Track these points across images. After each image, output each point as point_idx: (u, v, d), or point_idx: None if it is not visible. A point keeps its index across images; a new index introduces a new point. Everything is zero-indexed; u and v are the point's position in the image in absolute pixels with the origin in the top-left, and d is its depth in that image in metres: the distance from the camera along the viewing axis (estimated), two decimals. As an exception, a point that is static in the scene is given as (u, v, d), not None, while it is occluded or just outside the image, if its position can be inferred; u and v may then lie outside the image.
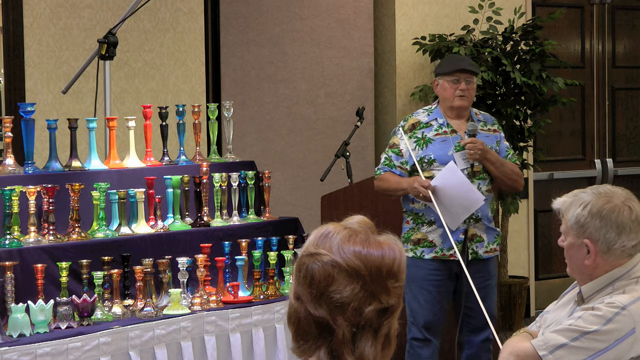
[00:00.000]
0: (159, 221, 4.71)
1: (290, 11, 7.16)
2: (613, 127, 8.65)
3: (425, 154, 4.94)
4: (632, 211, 3.00)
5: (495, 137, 5.07)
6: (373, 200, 5.64)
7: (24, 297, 4.02)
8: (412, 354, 5.01)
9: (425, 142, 4.97)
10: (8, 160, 4.44)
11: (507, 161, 5.02)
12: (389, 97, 7.48)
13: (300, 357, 1.92)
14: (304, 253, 1.93)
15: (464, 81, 4.96)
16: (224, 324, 4.46)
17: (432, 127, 5.00)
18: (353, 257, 1.88)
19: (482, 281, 4.93)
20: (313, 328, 1.89)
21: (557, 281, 8.01)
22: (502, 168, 4.96)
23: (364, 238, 1.91)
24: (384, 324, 1.90)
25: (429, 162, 4.92)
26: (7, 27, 6.11)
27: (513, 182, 5.04)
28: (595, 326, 2.95)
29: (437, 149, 4.94)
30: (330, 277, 1.88)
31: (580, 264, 3.06)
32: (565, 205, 3.06)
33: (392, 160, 4.99)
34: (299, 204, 7.05)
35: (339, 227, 1.94)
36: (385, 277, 1.89)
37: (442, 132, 4.98)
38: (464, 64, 5.02)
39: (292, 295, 1.93)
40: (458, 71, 4.97)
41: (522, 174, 5.15)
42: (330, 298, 1.87)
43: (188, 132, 5.14)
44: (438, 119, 5.01)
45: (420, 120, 5.04)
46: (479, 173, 4.93)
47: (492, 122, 5.13)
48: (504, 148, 5.08)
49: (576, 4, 8.38)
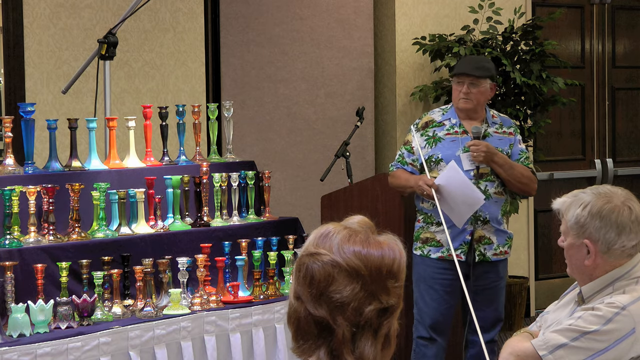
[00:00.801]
0: (159, 221, 4.71)
1: (290, 11, 7.16)
2: (613, 127, 8.65)
3: (433, 152, 4.97)
4: (632, 211, 3.00)
5: (509, 140, 5.06)
6: (373, 201, 5.64)
7: (24, 297, 4.02)
8: (418, 353, 5.03)
9: (435, 141, 4.99)
10: (8, 160, 4.44)
11: (518, 164, 4.99)
12: (389, 97, 7.47)
13: (300, 357, 1.92)
14: (304, 253, 1.93)
15: (468, 84, 4.97)
16: (224, 324, 4.46)
17: (445, 126, 5.02)
18: (353, 257, 1.88)
19: (490, 282, 4.94)
20: (313, 328, 1.89)
21: (557, 281, 8.01)
22: (510, 171, 4.95)
23: (364, 238, 1.91)
24: (384, 323, 1.90)
25: (436, 162, 4.95)
26: (7, 27, 6.11)
27: (524, 186, 5.01)
28: (595, 326, 2.95)
29: (445, 149, 4.96)
30: (330, 277, 1.88)
31: (580, 264, 3.06)
32: (565, 206, 3.06)
33: (405, 157, 5.05)
34: (299, 204, 7.05)
35: (339, 227, 1.94)
36: (385, 277, 1.90)
37: (454, 132, 4.99)
38: (468, 67, 5.02)
39: (292, 295, 1.93)
40: (461, 74, 4.99)
41: (535, 179, 5.10)
42: (330, 298, 1.87)
43: (188, 132, 5.14)
44: (452, 118, 5.03)
45: (434, 118, 5.07)
46: (487, 175, 4.93)
47: (509, 125, 5.13)
48: (517, 151, 5.06)
49: (576, 4, 8.38)
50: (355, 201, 5.66)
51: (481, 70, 5.02)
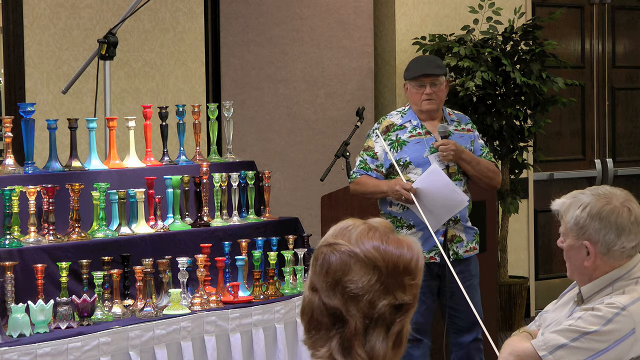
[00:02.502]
0: (159, 221, 4.71)
1: (290, 11, 7.16)
2: (613, 127, 8.65)
3: (400, 156, 4.92)
4: (632, 212, 2.99)
5: (469, 136, 5.06)
6: (373, 201, 5.63)
7: (24, 297, 4.02)
8: (404, 355, 5.00)
9: (399, 145, 4.95)
10: (8, 160, 4.44)
11: (483, 159, 5.00)
12: (389, 97, 7.48)
13: (311, 348, 1.93)
14: (322, 243, 1.95)
15: (429, 85, 4.94)
16: (224, 324, 4.46)
17: (406, 129, 4.98)
18: (371, 249, 1.90)
19: (464, 281, 4.92)
20: (326, 318, 1.90)
21: (557, 281, 8.01)
22: (478, 167, 4.95)
23: (383, 234, 1.93)
24: (397, 321, 1.91)
25: (405, 165, 4.91)
26: (7, 27, 6.11)
27: (490, 180, 5.03)
28: (595, 327, 2.95)
29: (412, 151, 4.92)
30: (346, 267, 1.89)
31: (579, 265, 3.05)
32: (564, 207, 3.06)
33: (368, 163, 4.98)
34: (299, 204, 7.05)
35: (358, 222, 1.96)
36: (402, 273, 1.91)
37: (417, 134, 4.96)
38: (427, 67, 4.98)
39: (307, 287, 1.95)
40: (422, 76, 4.95)
41: (499, 171, 5.12)
42: (345, 288, 1.88)
43: (188, 132, 5.14)
44: (412, 120, 5.00)
45: (394, 122, 5.03)
46: (455, 174, 4.91)
47: (467, 122, 5.11)
48: (479, 147, 5.06)
49: (576, 4, 8.38)
50: (355, 201, 5.65)
51: (440, 69, 5.01)
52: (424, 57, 5.37)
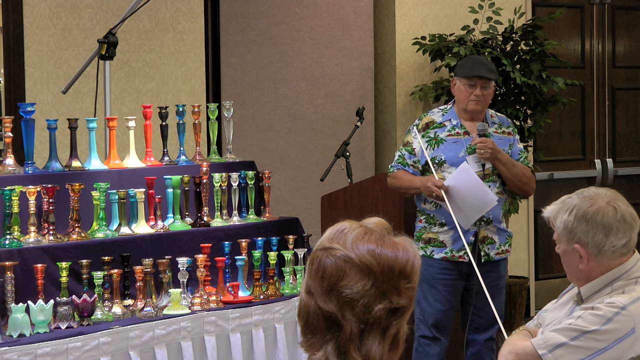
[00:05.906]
0: (159, 221, 4.71)
1: (290, 11, 7.16)
2: (613, 127, 8.65)
3: (436, 154, 4.95)
4: (617, 210, 2.99)
5: (508, 139, 5.07)
6: (373, 201, 5.63)
7: (24, 297, 4.02)
8: (420, 352, 5.03)
9: (437, 143, 4.98)
10: (8, 160, 4.44)
11: (519, 163, 5.02)
12: (389, 97, 7.48)
13: (307, 351, 1.93)
14: (318, 247, 1.95)
15: (480, 87, 4.96)
16: (224, 324, 4.46)
17: (446, 127, 5.01)
18: (366, 254, 1.89)
19: (492, 282, 4.94)
20: (322, 322, 1.90)
21: (557, 281, 8.01)
22: (513, 169, 4.96)
23: (379, 237, 1.93)
24: (393, 324, 1.91)
25: (439, 163, 4.93)
26: (7, 27, 6.11)
27: (523, 185, 5.03)
28: (595, 326, 2.95)
29: (448, 150, 4.95)
30: (341, 272, 1.89)
31: (575, 269, 3.06)
32: (554, 213, 3.07)
33: (405, 159, 5.02)
34: (299, 204, 7.05)
35: (355, 224, 1.96)
36: (397, 277, 1.90)
37: (455, 134, 4.99)
38: (482, 69, 4.99)
39: (303, 290, 1.95)
40: (475, 77, 4.97)
41: (534, 178, 5.12)
42: (340, 293, 1.88)
43: (188, 132, 5.15)
44: (452, 119, 5.02)
45: (435, 119, 5.05)
46: (489, 175, 4.93)
47: (508, 125, 5.14)
48: (517, 151, 5.08)
49: (576, 4, 8.38)
50: (356, 201, 5.66)
51: (493, 73, 5.03)
52: (479, 58, 5.39)
